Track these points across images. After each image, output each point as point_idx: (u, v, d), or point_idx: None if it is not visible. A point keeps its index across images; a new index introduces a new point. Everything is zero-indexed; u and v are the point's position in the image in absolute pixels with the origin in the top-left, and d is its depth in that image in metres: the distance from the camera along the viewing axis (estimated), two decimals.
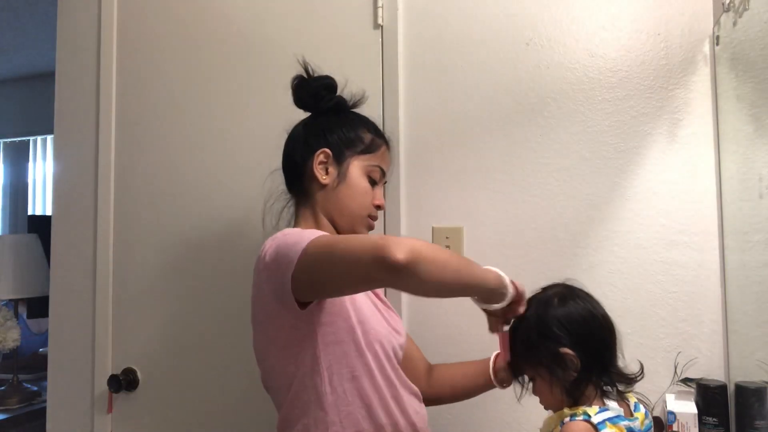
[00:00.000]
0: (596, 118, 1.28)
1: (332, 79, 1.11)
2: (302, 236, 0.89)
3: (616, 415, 0.85)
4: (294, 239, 0.89)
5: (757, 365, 1.05)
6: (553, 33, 1.32)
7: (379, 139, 1.10)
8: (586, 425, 0.83)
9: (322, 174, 1.05)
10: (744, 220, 1.10)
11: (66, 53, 1.73)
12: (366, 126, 1.10)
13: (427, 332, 1.37)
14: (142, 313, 1.59)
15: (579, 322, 0.89)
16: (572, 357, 0.87)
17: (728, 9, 1.11)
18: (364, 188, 1.06)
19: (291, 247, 0.88)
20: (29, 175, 4.09)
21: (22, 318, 2.45)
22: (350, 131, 1.07)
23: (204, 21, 1.59)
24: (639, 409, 0.92)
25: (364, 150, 1.07)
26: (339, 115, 1.10)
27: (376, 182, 1.08)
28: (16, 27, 3.07)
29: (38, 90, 3.71)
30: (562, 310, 0.90)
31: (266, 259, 0.92)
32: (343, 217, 1.06)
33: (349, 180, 1.05)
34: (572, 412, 0.86)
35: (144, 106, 1.63)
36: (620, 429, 0.84)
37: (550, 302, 0.92)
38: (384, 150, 1.10)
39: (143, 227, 1.61)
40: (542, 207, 1.31)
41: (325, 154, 1.05)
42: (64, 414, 1.66)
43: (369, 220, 1.08)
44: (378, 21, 1.42)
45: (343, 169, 1.05)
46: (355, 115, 1.12)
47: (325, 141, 1.06)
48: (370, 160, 1.07)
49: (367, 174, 1.07)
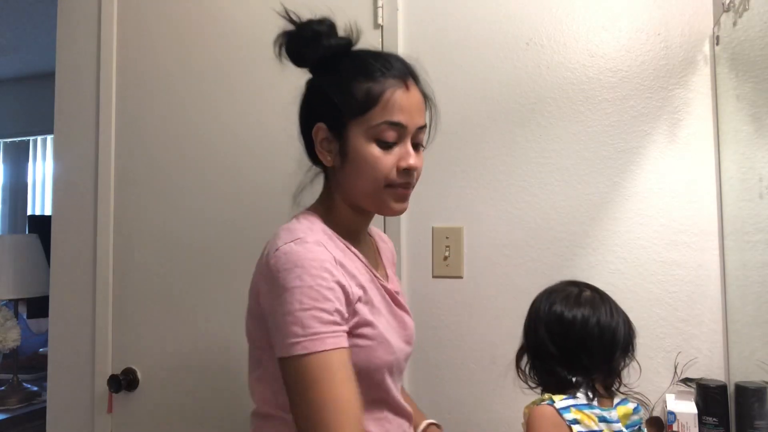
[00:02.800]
0: (596, 118, 1.28)
1: (319, 22, 0.88)
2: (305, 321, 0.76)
3: (585, 403, 0.88)
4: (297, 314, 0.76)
5: (757, 365, 1.05)
6: (553, 33, 1.32)
7: (380, 81, 0.84)
8: (549, 409, 0.87)
9: (325, 155, 0.88)
10: (744, 220, 1.10)
11: (66, 53, 1.73)
12: (360, 71, 0.85)
13: (428, 332, 1.38)
14: (142, 313, 1.59)
15: (563, 324, 0.93)
16: (524, 346, 0.97)
17: (728, 9, 1.11)
18: (372, 158, 0.84)
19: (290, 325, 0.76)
20: (29, 175, 4.09)
21: (22, 318, 2.45)
22: (340, 89, 0.85)
23: (204, 20, 1.59)
24: (625, 404, 0.93)
25: (359, 110, 0.84)
26: (334, 68, 0.88)
27: (390, 143, 0.85)
28: (16, 27, 3.07)
29: (38, 90, 3.71)
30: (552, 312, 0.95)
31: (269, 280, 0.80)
32: (359, 199, 0.89)
33: (352, 154, 0.85)
34: (540, 399, 0.90)
35: (144, 106, 1.63)
36: (587, 416, 0.86)
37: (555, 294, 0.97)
38: (391, 93, 0.84)
39: (143, 227, 1.61)
40: (542, 207, 1.31)
41: (323, 131, 0.87)
42: (64, 414, 1.66)
43: (395, 191, 0.87)
44: (378, 21, 1.42)
45: (343, 144, 0.86)
46: (349, 60, 0.88)
47: (319, 111, 0.88)
48: (371, 119, 0.84)
49: (374, 138, 0.84)
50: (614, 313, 0.95)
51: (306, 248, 0.80)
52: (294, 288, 0.77)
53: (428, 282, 1.39)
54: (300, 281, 0.77)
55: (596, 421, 0.86)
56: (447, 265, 1.37)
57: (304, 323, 0.76)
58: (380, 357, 0.86)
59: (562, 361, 0.91)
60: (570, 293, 0.96)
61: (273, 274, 0.79)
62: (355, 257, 0.90)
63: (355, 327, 0.83)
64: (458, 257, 1.36)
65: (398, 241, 1.39)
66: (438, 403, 1.36)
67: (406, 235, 1.40)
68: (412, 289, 1.40)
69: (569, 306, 0.94)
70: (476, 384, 1.34)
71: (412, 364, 1.38)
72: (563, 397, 0.88)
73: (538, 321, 0.95)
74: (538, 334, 0.94)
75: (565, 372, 0.91)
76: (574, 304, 0.94)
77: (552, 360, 0.92)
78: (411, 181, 0.89)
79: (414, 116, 0.86)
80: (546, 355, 0.93)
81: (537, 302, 0.99)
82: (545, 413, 0.87)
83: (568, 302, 0.94)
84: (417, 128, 0.87)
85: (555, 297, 0.96)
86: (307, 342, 0.75)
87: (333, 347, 0.76)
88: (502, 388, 1.30)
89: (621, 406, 0.92)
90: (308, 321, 0.76)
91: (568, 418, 0.85)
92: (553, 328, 0.93)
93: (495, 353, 1.33)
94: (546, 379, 0.94)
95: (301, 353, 0.75)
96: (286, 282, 0.77)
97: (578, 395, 0.89)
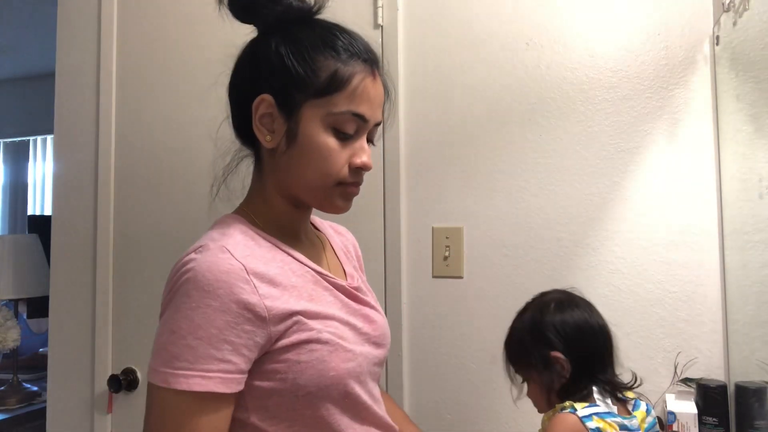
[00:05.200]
0: (596, 118, 1.28)
1: None
2: (180, 343, 0.65)
3: (606, 411, 0.86)
4: (173, 336, 0.65)
5: (757, 365, 1.05)
6: (553, 33, 1.32)
7: (349, 64, 0.73)
8: (573, 417, 0.85)
9: (264, 133, 0.74)
10: (744, 220, 1.10)
11: (66, 53, 1.73)
12: (327, 45, 0.73)
13: (428, 332, 1.38)
14: (142, 313, 1.59)
15: (573, 329, 0.91)
16: (563, 361, 0.89)
17: (728, 9, 1.11)
18: (327, 149, 0.73)
19: (162, 345, 0.66)
20: (29, 175, 4.09)
21: (22, 318, 2.45)
22: (300, 59, 0.72)
23: (204, 20, 1.59)
24: (639, 407, 0.92)
25: (322, 89, 0.72)
26: (289, 31, 0.74)
27: (349, 134, 0.74)
28: (16, 27, 3.07)
29: (38, 90, 3.71)
30: (558, 316, 0.92)
31: (165, 296, 0.71)
32: (301, 190, 0.76)
33: (302, 139, 0.73)
34: (561, 406, 0.88)
35: (144, 106, 1.63)
36: (609, 424, 0.84)
37: (546, 307, 0.94)
38: (360, 80, 0.73)
39: (143, 227, 1.61)
40: (542, 207, 1.31)
41: (267, 103, 0.73)
42: (64, 414, 1.66)
43: (345, 189, 0.76)
44: (378, 21, 1.42)
45: (292, 123, 0.73)
46: (312, 28, 0.75)
47: (266, 81, 0.73)
48: (333, 105, 0.72)
49: (331, 125, 0.73)
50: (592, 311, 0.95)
51: (204, 257, 0.68)
52: (178, 307, 0.66)
53: (428, 282, 1.39)
54: (188, 299, 0.65)
55: (618, 429, 0.84)
56: (447, 265, 1.37)
57: (174, 352, 0.65)
58: (336, 367, 0.72)
59: (583, 373, 0.90)
60: (552, 300, 0.94)
61: (166, 286, 0.71)
62: (289, 257, 0.76)
63: (291, 345, 0.70)
64: (458, 257, 1.36)
65: (398, 241, 1.39)
66: (438, 403, 1.36)
67: (406, 235, 1.40)
68: (412, 289, 1.40)
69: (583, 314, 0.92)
70: (476, 384, 1.34)
71: (413, 364, 1.38)
72: (585, 405, 0.86)
73: (547, 337, 0.91)
74: (548, 348, 0.90)
75: (583, 377, 0.89)
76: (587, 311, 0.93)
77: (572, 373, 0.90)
78: (361, 180, 0.77)
79: (375, 110, 0.76)
80: (560, 368, 0.90)
81: (534, 321, 0.94)
82: (568, 421, 0.84)
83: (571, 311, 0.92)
84: (375, 124, 0.77)
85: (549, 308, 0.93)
86: (171, 376, 0.64)
87: (200, 389, 0.64)
88: (502, 388, 1.29)
89: (637, 412, 0.91)
90: (180, 351, 0.64)
91: (591, 426, 0.83)
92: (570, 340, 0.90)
93: (495, 353, 1.32)
94: (565, 394, 0.90)
95: (161, 385, 0.66)
96: (174, 299, 0.67)
97: (598, 403, 0.87)
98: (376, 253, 1.41)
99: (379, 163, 1.41)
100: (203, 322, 0.65)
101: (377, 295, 1.40)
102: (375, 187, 1.40)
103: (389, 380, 1.38)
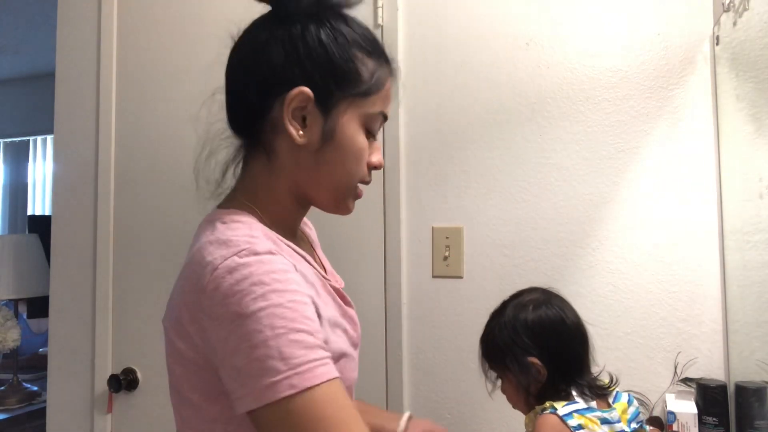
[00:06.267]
0: (596, 118, 1.28)
1: None
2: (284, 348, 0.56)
3: (586, 407, 0.87)
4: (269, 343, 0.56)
5: (757, 365, 1.05)
6: (553, 33, 1.32)
7: (384, 67, 0.73)
8: (554, 417, 0.85)
9: (296, 128, 0.69)
10: (744, 220, 1.10)
11: (66, 53, 1.73)
12: (366, 45, 0.71)
13: (428, 332, 1.38)
14: (142, 313, 1.59)
15: (550, 332, 0.91)
16: (539, 366, 0.90)
17: (728, 9, 1.11)
18: (360, 148, 0.71)
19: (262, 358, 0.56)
20: (29, 175, 4.09)
21: (22, 318, 2.45)
22: (344, 57, 0.69)
23: (204, 21, 1.59)
24: (620, 399, 0.93)
25: (365, 90, 0.70)
26: (324, 24, 0.69)
27: (374, 134, 0.74)
28: (16, 27, 3.07)
29: (38, 90, 3.70)
30: (535, 317, 0.92)
31: (211, 301, 0.60)
32: (323, 188, 0.73)
33: (340, 138, 0.70)
34: (542, 407, 0.89)
35: (144, 106, 1.63)
36: (590, 420, 0.85)
37: (524, 308, 0.94)
38: (390, 83, 0.74)
39: (143, 227, 1.61)
40: (542, 207, 1.31)
41: (304, 97, 0.67)
42: (64, 414, 1.66)
43: (358, 189, 0.75)
44: (378, 21, 1.42)
45: (330, 122, 0.69)
46: (349, 25, 0.71)
47: (304, 73, 0.68)
48: (372, 105, 0.71)
49: (365, 125, 0.71)
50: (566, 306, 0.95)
51: (259, 259, 0.60)
52: (258, 311, 0.57)
53: (428, 282, 1.39)
54: (265, 301, 0.57)
55: (599, 424, 0.85)
56: (447, 265, 1.37)
57: (283, 353, 0.56)
58: (348, 377, 0.70)
59: (557, 371, 0.90)
60: (530, 301, 0.94)
61: (219, 301, 0.59)
62: (304, 261, 0.72)
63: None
64: (458, 257, 1.36)
65: (398, 241, 1.39)
66: (438, 403, 1.36)
67: (406, 235, 1.40)
68: (412, 289, 1.40)
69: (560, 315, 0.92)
70: (476, 384, 1.34)
71: (413, 364, 1.38)
72: (564, 403, 0.87)
73: (520, 342, 0.91)
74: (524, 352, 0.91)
75: (560, 380, 0.90)
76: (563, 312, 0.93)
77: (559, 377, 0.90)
78: (371, 179, 0.76)
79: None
80: (536, 373, 0.90)
81: (507, 326, 0.94)
82: (550, 422, 0.85)
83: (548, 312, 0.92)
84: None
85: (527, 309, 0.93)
86: (295, 377, 0.56)
87: (329, 377, 0.58)
88: None
89: (617, 403, 0.92)
90: (288, 349, 0.56)
91: (572, 424, 0.84)
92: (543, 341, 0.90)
93: None
94: (540, 397, 0.91)
95: (289, 393, 0.55)
96: (244, 307, 0.57)
97: (577, 399, 0.88)
98: (376, 253, 1.41)
99: None
100: (296, 315, 0.58)
101: (377, 295, 1.41)
102: (375, 187, 1.40)
103: (389, 380, 1.38)
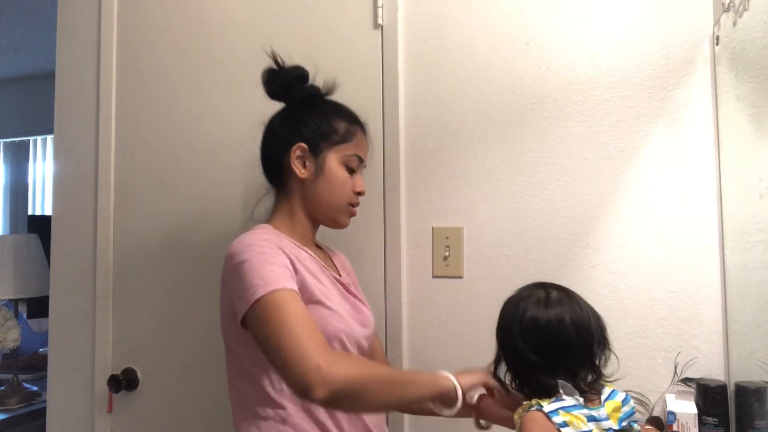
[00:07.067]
0: (596, 118, 1.28)
1: (303, 69, 1.13)
2: (260, 273, 0.92)
3: (572, 404, 0.87)
4: (252, 272, 0.93)
5: (757, 365, 1.05)
6: (553, 33, 1.32)
7: (354, 126, 1.11)
8: (539, 414, 0.86)
9: (299, 168, 1.08)
10: (744, 220, 1.10)
11: (66, 53, 1.73)
12: (340, 115, 1.11)
13: (428, 332, 1.38)
14: (142, 313, 1.59)
15: (544, 332, 0.91)
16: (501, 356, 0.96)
17: (728, 9, 1.11)
18: (342, 179, 1.09)
19: (248, 281, 0.92)
20: (29, 175, 4.09)
21: (22, 318, 2.45)
22: (324, 123, 1.09)
23: (204, 21, 1.59)
24: (614, 397, 0.92)
25: (339, 140, 1.09)
26: (313, 106, 1.11)
27: (354, 170, 1.10)
28: (16, 27, 3.07)
29: (38, 90, 3.71)
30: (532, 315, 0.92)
31: (228, 266, 0.98)
32: (322, 209, 1.10)
33: (327, 172, 1.08)
34: (528, 404, 0.90)
35: (144, 106, 1.63)
36: (576, 417, 0.85)
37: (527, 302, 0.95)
38: (360, 137, 1.12)
39: (143, 227, 1.61)
40: (542, 207, 1.31)
41: (302, 149, 1.08)
42: (64, 414, 1.66)
43: (350, 209, 1.11)
44: (378, 21, 1.42)
45: (320, 162, 1.08)
46: (328, 104, 1.13)
47: (300, 135, 1.08)
48: (347, 150, 1.09)
49: (345, 164, 1.09)
50: (583, 308, 0.93)
51: (253, 233, 1.01)
52: (246, 259, 0.94)
53: (428, 282, 1.39)
54: (249, 253, 0.95)
55: (585, 422, 0.86)
56: (447, 265, 1.37)
57: (261, 275, 0.92)
58: (333, 324, 1.00)
59: (545, 367, 0.90)
60: (539, 297, 0.94)
61: (228, 261, 0.98)
62: (303, 252, 1.06)
63: (302, 291, 0.97)
64: (458, 257, 1.36)
65: (398, 241, 1.39)
66: None
67: (406, 235, 1.40)
68: (412, 289, 1.40)
69: (541, 310, 0.92)
70: None
71: (413, 364, 1.38)
72: (550, 400, 0.88)
73: (513, 332, 0.93)
74: (516, 345, 0.92)
75: (549, 377, 0.90)
76: (546, 307, 0.92)
77: (534, 368, 0.91)
78: (358, 202, 1.12)
79: (366, 157, 1.14)
80: (528, 364, 0.91)
81: (507, 313, 0.96)
82: (535, 419, 0.86)
83: (539, 307, 0.92)
84: (365, 166, 1.14)
85: (525, 304, 0.94)
86: (260, 287, 0.90)
87: (283, 287, 0.91)
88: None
89: (609, 401, 0.91)
90: (264, 272, 0.92)
91: (557, 421, 0.85)
92: (531, 338, 0.91)
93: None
94: (530, 386, 0.92)
95: (258, 296, 0.89)
96: (239, 258, 0.95)
97: (564, 397, 0.88)
98: (376, 253, 1.41)
99: (379, 163, 1.41)
100: (269, 257, 0.96)
101: (377, 296, 1.40)
102: (375, 187, 1.40)
103: None
